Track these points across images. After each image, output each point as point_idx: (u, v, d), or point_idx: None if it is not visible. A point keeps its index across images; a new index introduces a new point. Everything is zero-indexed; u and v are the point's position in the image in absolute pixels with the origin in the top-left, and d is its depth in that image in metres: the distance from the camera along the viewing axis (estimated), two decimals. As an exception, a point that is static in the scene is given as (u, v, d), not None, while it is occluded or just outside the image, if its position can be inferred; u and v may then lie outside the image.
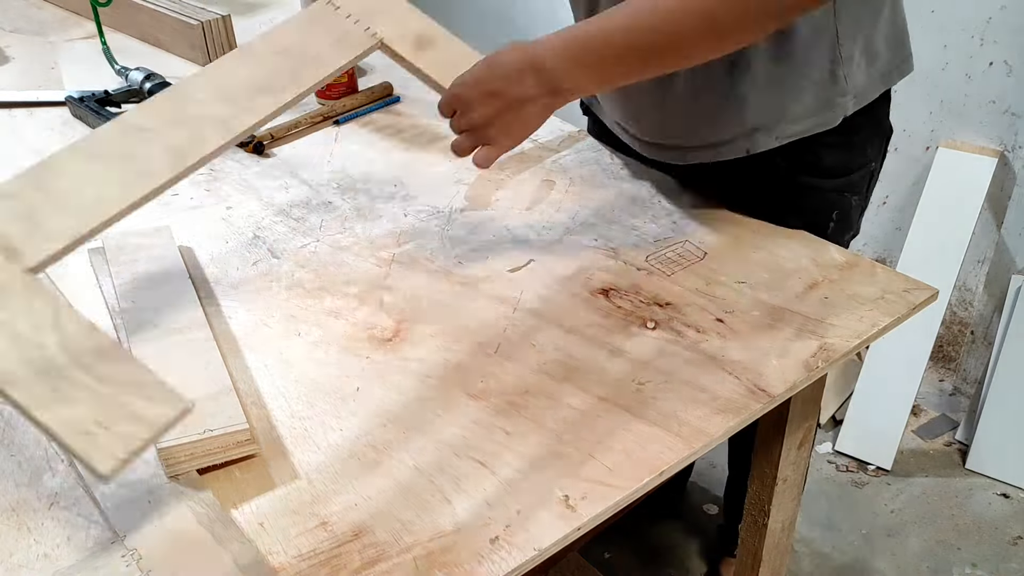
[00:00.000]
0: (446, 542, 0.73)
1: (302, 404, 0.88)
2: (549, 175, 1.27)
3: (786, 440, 1.12)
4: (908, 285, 1.02)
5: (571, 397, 0.88)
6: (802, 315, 0.98)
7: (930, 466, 2.11)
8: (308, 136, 1.40)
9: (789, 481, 1.19)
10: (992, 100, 1.97)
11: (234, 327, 0.98)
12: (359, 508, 0.76)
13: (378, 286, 1.05)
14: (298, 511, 0.76)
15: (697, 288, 1.03)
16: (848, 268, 1.05)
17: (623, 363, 0.92)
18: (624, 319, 0.98)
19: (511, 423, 0.85)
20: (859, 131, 1.15)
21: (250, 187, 1.25)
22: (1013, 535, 1.92)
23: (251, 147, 1.34)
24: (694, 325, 0.97)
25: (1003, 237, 2.06)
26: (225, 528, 0.73)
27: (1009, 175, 2.01)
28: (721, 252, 1.09)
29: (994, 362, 2.01)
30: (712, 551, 1.91)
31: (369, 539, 0.73)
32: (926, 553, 1.89)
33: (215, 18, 1.64)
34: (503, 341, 0.95)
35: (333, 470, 0.80)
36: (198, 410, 0.84)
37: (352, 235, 1.14)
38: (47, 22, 1.85)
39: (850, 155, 1.18)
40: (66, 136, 1.40)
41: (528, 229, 1.15)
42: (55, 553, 0.73)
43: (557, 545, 0.73)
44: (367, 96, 1.49)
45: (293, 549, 0.72)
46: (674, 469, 0.81)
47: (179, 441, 0.78)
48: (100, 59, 1.68)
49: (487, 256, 1.10)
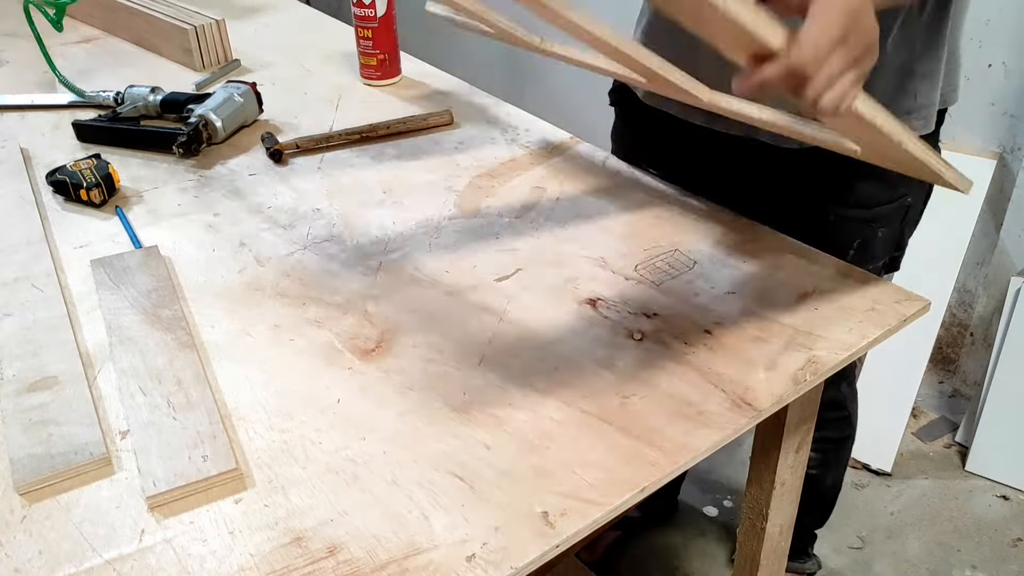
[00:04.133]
0: (422, 560, 0.72)
1: (281, 416, 0.87)
2: (540, 182, 1.26)
3: (784, 444, 1.11)
4: (900, 296, 1.01)
5: (554, 411, 0.87)
6: (792, 327, 0.97)
7: (930, 468, 2.10)
8: (333, 152, 1.37)
9: (787, 485, 1.18)
10: (991, 102, 1.96)
11: (216, 336, 0.98)
12: (335, 523, 0.75)
13: (363, 295, 1.04)
14: (273, 526, 0.76)
15: (686, 299, 1.02)
16: (840, 278, 1.04)
17: (608, 375, 0.91)
18: (611, 330, 0.98)
19: (492, 437, 0.84)
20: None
21: (238, 194, 1.25)
22: (1013, 537, 1.92)
23: (270, 153, 1.34)
24: (682, 337, 0.96)
25: (1002, 239, 2.04)
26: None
27: (1008, 177, 2.00)
28: (711, 262, 1.08)
29: (994, 364, 2.00)
30: (710, 554, 1.90)
31: (344, 556, 0.73)
32: (926, 555, 1.88)
33: (209, 23, 1.64)
34: (487, 352, 0.95)
35: (310, 484, 0.79)
36: (189, 446, 0.84)
37: (339, 243, 1.14)
38: (43, 26, 1.83)
39: (882, 188, 1.14)
40: (56, 141, 1.40)
41: (517, 237, 1.14)
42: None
43: (534, 563, 0.73)
44: (421, 122, 1.42)
45: (266, 565, 0.72)
46: (656, 486, 0.80)
47: (172, 486, 0.78)
48: (95, 63, 1.68)
49: (475, 265, 1.09)
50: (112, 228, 1.18)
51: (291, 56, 1.70)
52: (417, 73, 1.64)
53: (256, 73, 1.64)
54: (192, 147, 1.32)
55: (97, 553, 0.74)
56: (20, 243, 1.13)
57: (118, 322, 0.98)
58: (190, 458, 0.80)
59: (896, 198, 1.17)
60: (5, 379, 0.90)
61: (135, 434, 0.83)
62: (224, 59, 1.67)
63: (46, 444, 0.82)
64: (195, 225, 1.18)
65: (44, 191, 1.25)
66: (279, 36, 1.81)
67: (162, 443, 0.82)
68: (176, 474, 0.79)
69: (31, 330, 0.97)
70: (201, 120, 1.35)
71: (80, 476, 0.81)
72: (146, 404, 0.87)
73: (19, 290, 1.04)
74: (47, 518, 0.77)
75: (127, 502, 0.78)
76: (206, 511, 0.78)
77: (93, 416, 0.86)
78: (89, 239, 1.15)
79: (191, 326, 0.99)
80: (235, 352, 0.96)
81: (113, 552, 0.74)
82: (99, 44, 1.77)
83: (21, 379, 0.90)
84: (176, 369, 0.91)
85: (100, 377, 0.92)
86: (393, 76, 1.59)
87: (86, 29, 1.83)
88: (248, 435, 0.85)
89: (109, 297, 1.02)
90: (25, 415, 0.86)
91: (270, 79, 1.61)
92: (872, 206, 1.15)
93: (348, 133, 1.38)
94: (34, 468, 0.80)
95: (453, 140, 1.38)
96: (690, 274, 1.06)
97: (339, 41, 1.76)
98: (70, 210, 1.22)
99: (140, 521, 0.77)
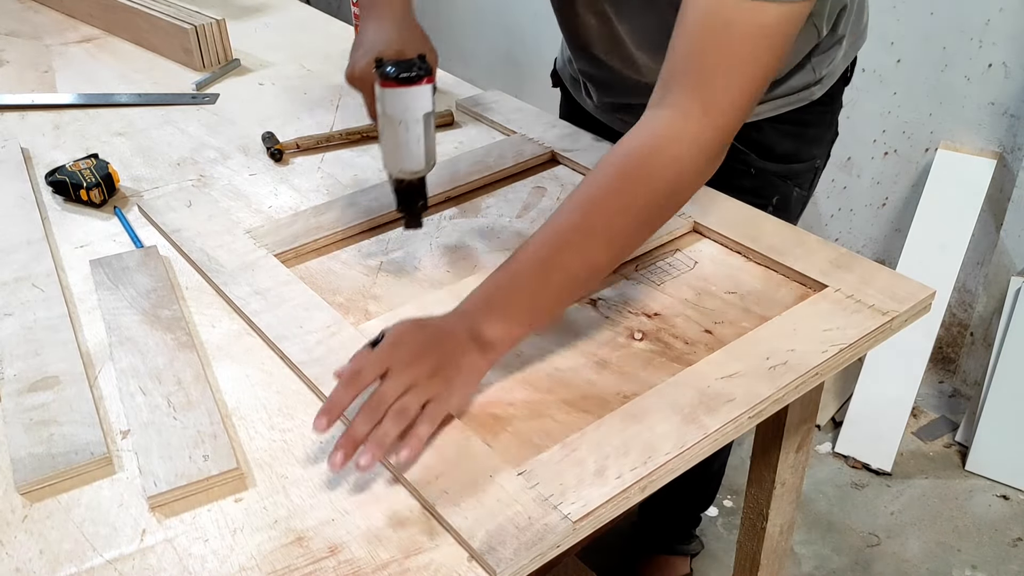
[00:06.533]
0: (423, 559, 0.72)
1: (282, 416, 0.87)
2: (540, 182, 1.26)
3: (784, 444, 1.12)
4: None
5: (555, 410, 0.87)
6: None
7: (930, 468, 2.10)
8: (334, 152, 1.36)
9: (787, 485, 1.18)
10: (991, 102, 1.96)
11: (217, 336, 0.98)
12: (335, 523, 0.76)
13: (364, 295, 1.04)
14: (273, 525, 0.76)
15: (686, 299, 1.02)
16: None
17: (609, 375, 0.91)
18: (611, 330, 0.98)
19: (493, 436, 0.84)
20: (813, 125, 1.26)
21: (239, 194, 1.25)
22: (1013, 536, 1.92)
23: (270, 152, 1.34)
24: (682, 336, 0.96)
25: (1002, 239, 2.04)
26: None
27: (1008, 177, 2.00)
28: (712, 262, 1.08)
29: (994, 364, 2.00)
30: (711, 554, 1.90)
31: (345, 555, 0.73)
32: (926, 555, 1.89)
33: (209, 22, 1.64)
34: (488, 352, 0.94)
35: (311, 483, 0.79)
36: (189, 445, 0.84)
37: (340, 242, 1.14)
38: (43, 25, 1.84)
39: (800, 146, 1.27)
40: (56, 141, 1.40)
41: (518, 237, 1.14)
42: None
43: (533, 563, 0.73)
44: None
45: (267, 565, 0.72)
46: (656, 485, 0.80)
47: (173, 485, 0.78)
48: (94, 63, 1.68)
49: (475, 265, 1.09)
50: (112, 228, 1.18)
51: (291, 56, 1.70)
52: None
53: (256, 73, 1.64)
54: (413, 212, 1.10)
55: (98, 553, 0.74)
56: (20, 243, 1.13)
57: (117, 322, 0.98)
58: (191, 458, 0.80)
59: (808, 158, 1.30)
60: (6, 379, 0.90)
61: (136, 434, 0.83)
62: (224, 59, 1.67)
63: (47, 444, 0.82)
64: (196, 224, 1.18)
65: (44, 191, 1.25)
66: (279, 36, 1.81)
67: (163, 443, 0.82)
68: (177, 474, 0.79)
69: (32, 330, 0.97)
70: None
71: (81, 476, 0.81)
72: (146, 404, 0.87)
73: (20, 290, 1.04)
74: (48, 518, 0.77)
75: (128, 502, 0.79)
76: (207, 511, 0.78)
77: (94, 416, 0.86)
78: (89, 239, 1.15)
79: (191, 326, 0.99)
80: (236, 352, 0.96)
81: (114, 552, 0.74)
82: (99, 44, 1.77)
83: (22, 379, 0.90)
84: (176, 369, 0.91)
85: (101, 377, 0.92)
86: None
87: (86, 29, 1.83)
88: (249, 435, 0.85)
89: (108, 297, 1.02)
90: (26, 415, 0.86)
91: (270, 79, 1.61)
92: (789, 162, 1.27)
93: (348, 133, 1.38)
94: (35, 468, 0.80)
95: (453, 140, 1.38)
96: (690, 274, 1.06)
97: (339, 41, 1.76)
98: (70, 210, 1.22)
99: (141, 521, 0.77)
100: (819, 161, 1.32)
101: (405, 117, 0.98)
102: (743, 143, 1.23)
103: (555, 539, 0.73)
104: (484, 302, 0.88)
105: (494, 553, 0.71)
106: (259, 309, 0.99)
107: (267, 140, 1.36)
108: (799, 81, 1.22)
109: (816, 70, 1.21)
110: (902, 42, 2.03)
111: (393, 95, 0.97)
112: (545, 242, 0.89)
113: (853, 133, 2.15)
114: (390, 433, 0.79)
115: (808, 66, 1.20)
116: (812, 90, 1.23)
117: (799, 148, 1.28)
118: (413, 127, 0.99)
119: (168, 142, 1.40)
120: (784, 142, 1.26)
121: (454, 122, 1.43)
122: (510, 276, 0.89)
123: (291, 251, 1.11)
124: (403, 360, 0.83)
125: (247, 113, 1.49)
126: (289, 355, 0.93)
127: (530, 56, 2.91)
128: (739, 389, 0.88)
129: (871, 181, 2.23)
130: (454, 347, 0.85)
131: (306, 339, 0.95)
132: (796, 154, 1.28)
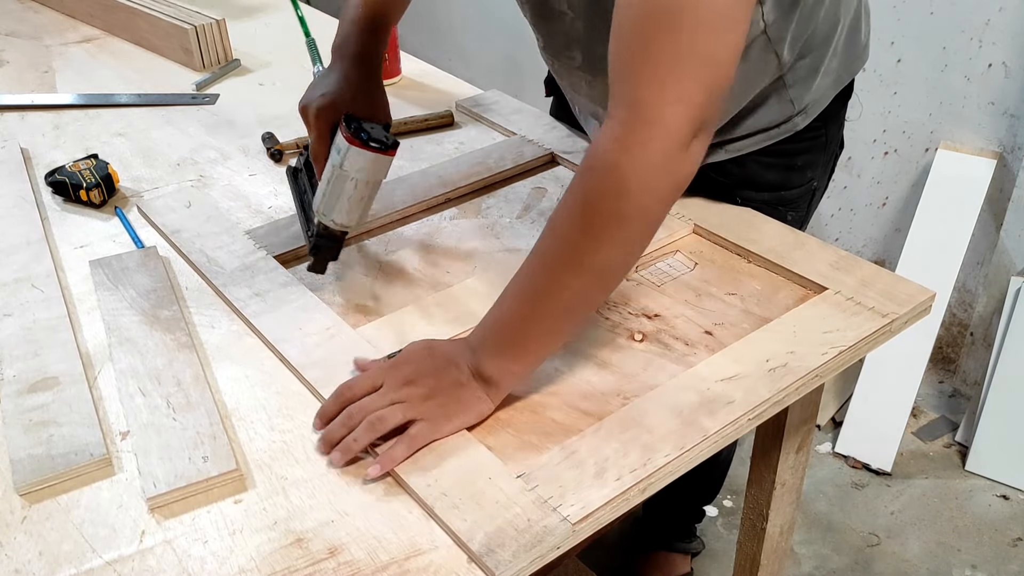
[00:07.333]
0: (423, 561, 0.72)
1: (282, 417, 0.87)
2: (540, 183, 1.26)
3: (784, 444, 1.12)
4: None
5: (555, 411, 0.87)
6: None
7: (930, 468, 2.10)
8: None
9: (787, 486, 1.18)
10: (991, 102, 1.96)
11: (216, 337, 0.98)
12: (335, 524, 0.76)
13: (364, 295, 1.04)
14: (273, 527, 0.76)
15: (687, 300, 1.02)
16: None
17: (609, 376, 0.91)
18: (611, 331, 0.98)
19: (493, 437, 0.84)
20: (803, 152, 1.17)
21: (239, 194, 1.25)
22: (1013, 536, 1.91)
23: (270, 153, 1.34)
24: (682, 338, 0.96)
25: (1002, 239, 2.04)
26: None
27: (1008, 177, 2.00)
28: (712, 264, 1.08)
29: (994, 364, 2.00)
30: (711, 554, 1.90)
31: (345, 557, 0.73)
32: (926, 555, 1.88)
33: (209, 22, 1.64)
34: (488, 352, 0.94)
35: (311, 485, 0.80)
36: (189, 447, 0.84)
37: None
38: (43, 26, 1.84)
39: (790, 175, 1.19)
40: (56, 141, 1.40)
41: (518, 238, 1.14)
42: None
43: (532, 565, 0.73)
44: (421, 122, 1.42)
45: (267, 566, 0.72)
46: (656, 487, 0.80)
47: (172, 486, 0.78)
48: (94, 64, 1.68)
49: (475, 265, 1.09)
50: (112, 229, 1.18)
51: (291, 56, 1.70)
52: (417, 73, 1.64)
53: (256, 73, 1.64)
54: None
55: (97, 554, 0.74)
56: (20, 243, 1.13)
57: (117, 323, 0.98)
58: (190, 459, 0.80)
59: (804, 183, 1.21)
60: (5, 380, 0.90)
61: (135, 435, 0.83)
62: (224, 59, 1.67)
63: (46, 445, 0.82)
64: (196, 224, 1.18)
65: (44, 191, 1.25)
66: (279, 36, 1.81)
67: (162, 444, 0.82)
68: (176, 475, 0.79)
69: (31, 330, 0.97)
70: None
71: (80, 477, 0.81)
72: (145, 405, 0.87)
73: (19, 290, 1.04)
74: (47, 519, 0.77)
75: (127, 503, 0.79)
76: (206, 512, 0.78)
77: (93, 417, 0.86)
78: (89, 239, 1.15)
79: (190, 327, 0.99)
80: (235, 352, 0.96)
81: (113, 553, 0.74)
82: (99, 44, 1.77)
83: (22, 380, 0.90)
84: (175, 370, 0.91)
85: (100, 378, 0.92)
86: (393, 76, 1.59)
87: (86, 29, 1.83)
88: (248, 436, 0.85)
89: (108, 298, 1.02)
90: (26, 416, 0.86)
91: (270, 79, 1.61)
92: (778, 190, 1.20)
93: None
94: (34, 469, 0.80)
95: (453, 140, 1.38)
96: (691, 276, 1.06)
97: (339, 41, 1.75)
98: (70, 210, 1.22)
99: (140, 522, 0.77)
100: (816, 183, 1.23)
101: (359, 177, 0.99)
102: (724, 176, 1.16)
103: (554, 541, 0.73)
104: (481, 337, 0.87)
105: (493, 555, 0.71)
106: (258, 311, 0.99)
107: (267, 140, 1.36)
108: (776, 114, 1.12)
109: (795, 102, 1.11)
110: (902, 42, 2.03)
111: (358, 155, 0.98)
112: (530, 273, 0.86)
113: (853, 133, 2.14)
114: (360, 440, 0.81)
115: (785, 98, 1.10)
116: (795, 121, 1.13)
117: (789, 177, 1.19)
118: (362, 188, 1.00)
119: (168, 142, 1.40)
120: (769, 173, 1.18)
121: (454, 122, 1.43)
122: (501, 312, 0.87)
123: (290, 253, 1.11)
124: (399, 378, 0.85)
125: (247, 113, 1.49)
126: (289, 357, 0.93)
127: (530, 56, 2.89)
128: (739, 391, 0.88)
129: (871, 181, 2.23)
130: (456, 377, 0.85)
131: (305, 341, 0.95)
132: (785, 183, 1.20)
